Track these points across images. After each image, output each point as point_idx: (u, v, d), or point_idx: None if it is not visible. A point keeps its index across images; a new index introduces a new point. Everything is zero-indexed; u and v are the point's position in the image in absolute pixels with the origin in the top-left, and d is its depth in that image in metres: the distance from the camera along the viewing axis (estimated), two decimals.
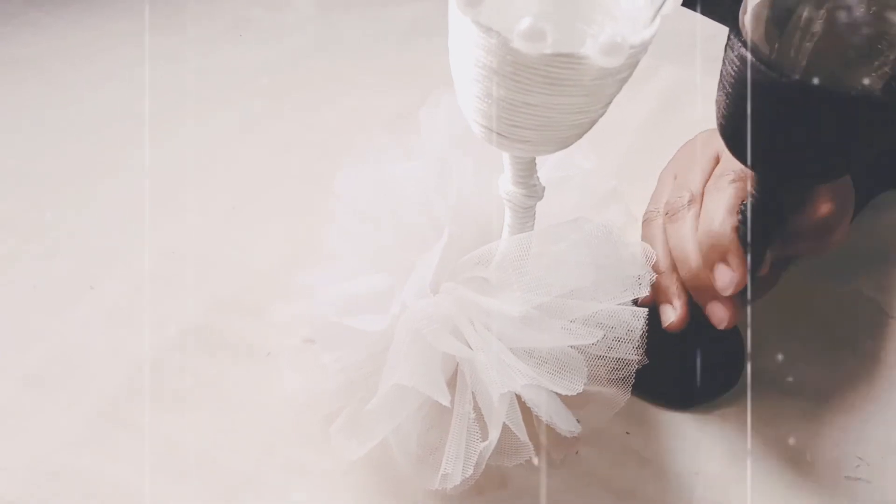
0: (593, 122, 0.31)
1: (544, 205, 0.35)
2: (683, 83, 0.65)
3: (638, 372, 0.37)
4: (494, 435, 0.34)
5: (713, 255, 0.39)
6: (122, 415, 0.40)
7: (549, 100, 0.28)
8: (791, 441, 0.41)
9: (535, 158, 0.34)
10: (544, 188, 0.35)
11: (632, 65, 0.28)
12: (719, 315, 0.40)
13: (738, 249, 0.38)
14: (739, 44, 0.30)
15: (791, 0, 0.30)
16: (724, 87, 0.32)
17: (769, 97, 0.30)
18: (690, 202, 0.42)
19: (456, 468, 0.34)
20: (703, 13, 0.72)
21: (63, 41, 0.68)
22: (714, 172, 0.42)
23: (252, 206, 0.53)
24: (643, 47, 0.28)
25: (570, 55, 0.26)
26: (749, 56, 0.30)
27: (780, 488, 0.39)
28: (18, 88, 0.62)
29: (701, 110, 0.62)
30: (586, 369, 0.34)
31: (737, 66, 0.31)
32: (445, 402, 0.33)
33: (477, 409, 0.35)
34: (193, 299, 0.46)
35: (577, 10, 0.32)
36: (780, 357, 0.44)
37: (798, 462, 0.40)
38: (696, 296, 0.41)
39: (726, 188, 0.40)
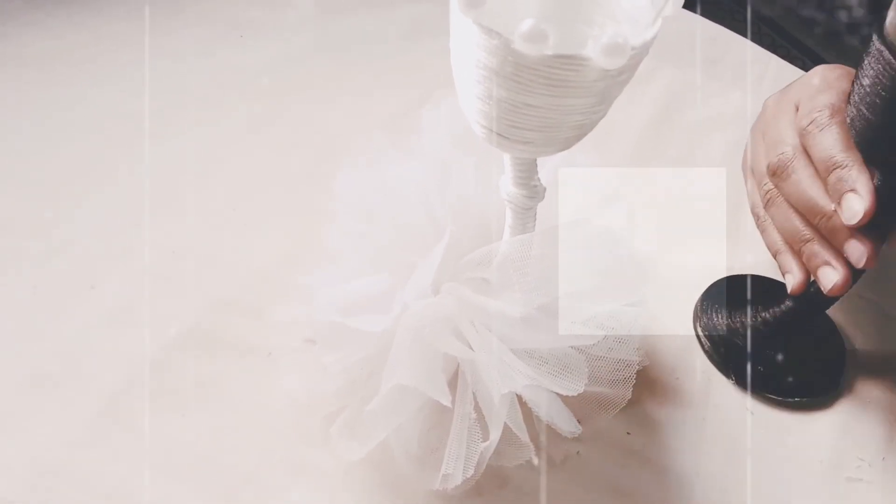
0: (594, 124, 0.31)
1: (545, 206, 0.35)
2: (684, 84, 0.65)
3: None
4: (495, 435, 0.34)
5: (841, 186, 0.37)
6: (123, 414, 0.40)
7: (550, 101, 0.28)
8: (791, 441, 0.41)
9: (536, 159, 0.34)
10: (545, 189, 0.35)
11: (633, 66, 0.28)
12: (858, 252, 0.37)
13: (864, 175, 0.36)
14: (888, 53, 0.31)
15: None
16: (867, 99, 0.32)
17: None
18: (795, 153, 0.40)
19: (457, 468, 0.34)
20: (703, 15, 0.72)
21: (63, 41, 0.67)
22: (800, 115, 0.41)
23: (252, 206, 0.53)
24: (644, 49, 0.28)
25: (571, 56, 0.26)
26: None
27: (780, 488, 0.39)
28: (19, 88, 0.62)
29: (701, 111, 0.62)
30: (587, 370, 0.34)
31: (882, 76, 0.31)
32: (446, 402, 0.33)
33: (478, 409, 0.35)
34: (193, 299, 0.46)
35: (579, 11, 0.32)
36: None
37: (798, 462, 0.40)
38: (832, 238, 0.39)
39: (829, 124, 0.38)
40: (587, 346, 0.35)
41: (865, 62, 0.33)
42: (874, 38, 0.32)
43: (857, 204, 0.36)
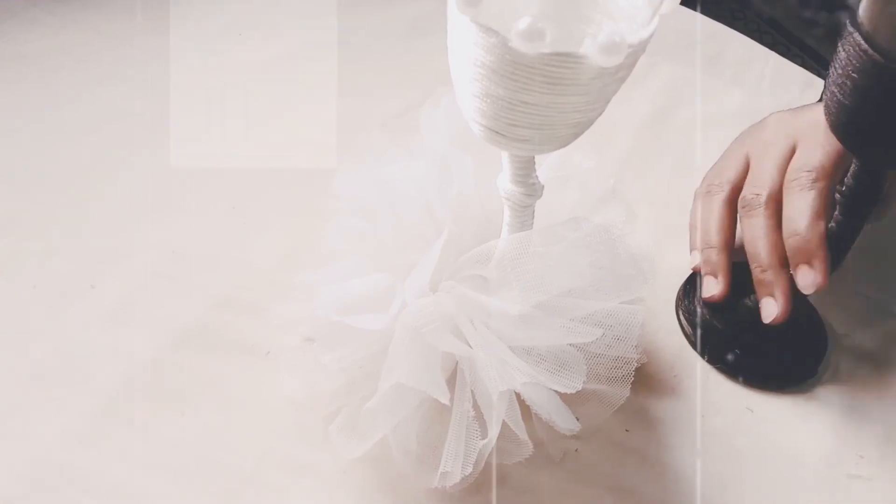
0: (592, 122, 0.31)
1: (543, 204, 0.35)
2: (683, 82, 0.65)
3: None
4: (494, 433, 0.34)
5: (799, 257, 0.40)
6: (122, 414, 0.40)
7: (547, 99, 0.28)
8: (791, 438, 0.41)
9: (534, 157, 0.34)
10: (543, 187, 0.35)
11: (630, 64, 0.28)
12: (771, 311, 0.41)
13: (824, 254, 0.39)
14: (858, 35, 0.31)
15: None
16: (838, 81, 0.33)
17: (887, 86, 0.31)
18: (768, 201, 0.42)
19: (455, 466, 0.34)
20: (702, 12, 0.72)
21: (63, 40, 0.67)
22: (792, 165, 0.42)
23: (252, 205, 0.53)
24: (642, 46, 0.28)
25: (568, 54, 0.26)
26: (866, 46, 0.31)
27: (780, 487, 0.39)
28: (18, 87, 0.62)
29: (701, 109, 0.62)
30: (585, 367, 0.34)
31: (853, 58, 0.31)
32: (445, 400, 0.33)
33: (476, 407, 0.35)
34: (193, 298, 0.46)
35: (576, 9, 0.32)
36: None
37: (798, 459, 0.40)
38: (757, 288, 0.42)
39: (810, 189, 0.40)
40: (585, 344, 0.35)
41: (840, 45, 0.33)
42: (847, 22, 0.32)
43: (808, 278, 0.39)
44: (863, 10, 0.32)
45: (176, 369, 0.42)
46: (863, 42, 0.31)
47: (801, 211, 0.40)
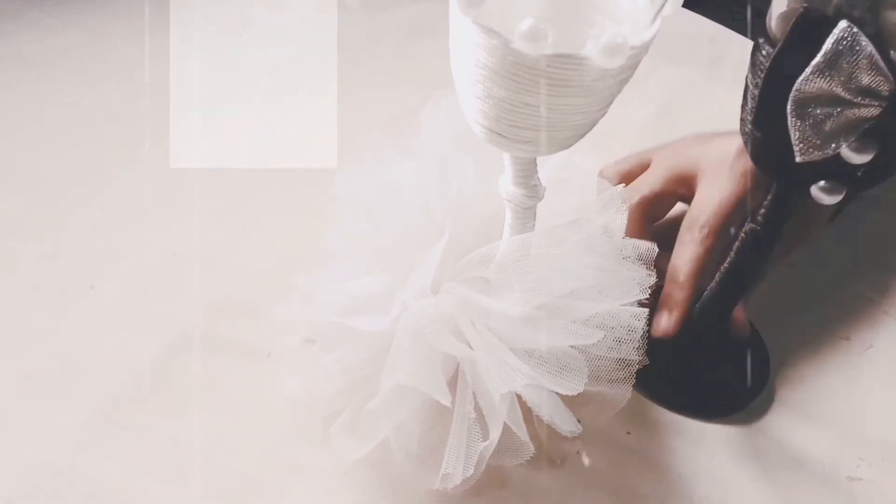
0: (594, 123, 0.31)
1: (545, 205, 0.35)
2: (686, 84, 0.65)
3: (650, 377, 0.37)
4: (495, 435, 0.34)
5: (667, 303, 0.42)
6: (123, 415, 0.40)
7: (549, 100, 0.28)
8: (791, 440, 0.41)
9: (535, 159, 0.34)
10: (545, 189, 0.35)
11: (632, 65, 0.28)
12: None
13: (684, 310, 0.41)
14: (770, 49, 0.30)
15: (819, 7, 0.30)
16: (752, 98, 0.32)
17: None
18: (641, 201, 0.45)
19: (456, 468, 0.34)
20: (704, 14, 0.72)
21: (63, 41, 0.67)
22: (691, 212, 0.44)
23: (252, 206, 0.53)
24: (644, 48, 0.28)
25: (570, 56, 0.26)
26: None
27: (780, 488, 0.39)
28: (18, 88, 0.62)
29: (703, 111, 0.62)
30: (587, 369, 0.34)
31: (761, 64, 0.31)
32: (446, 402, 0.33)
33: (478, 409, 0.35)
34: (193, 300, 0.46)
35: (578, 10, 0.32)
36: (778, 356, 0.44)
37: (798, 462, 0.40)
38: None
39: (699, 245, 0.42)
40: (587, 346, 0.35)
41: (752, 57, 0.33)
42: (761, 41, 0.32)
43: (662, 324, 0.42)
44: (775, 26, 0.31)
45: (176, 371, 0.42)
46: (770, 49, 0.31)
47: (684, 264, 0.42)
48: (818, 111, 0.29)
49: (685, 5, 0.29)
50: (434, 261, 0.35)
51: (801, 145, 0.30)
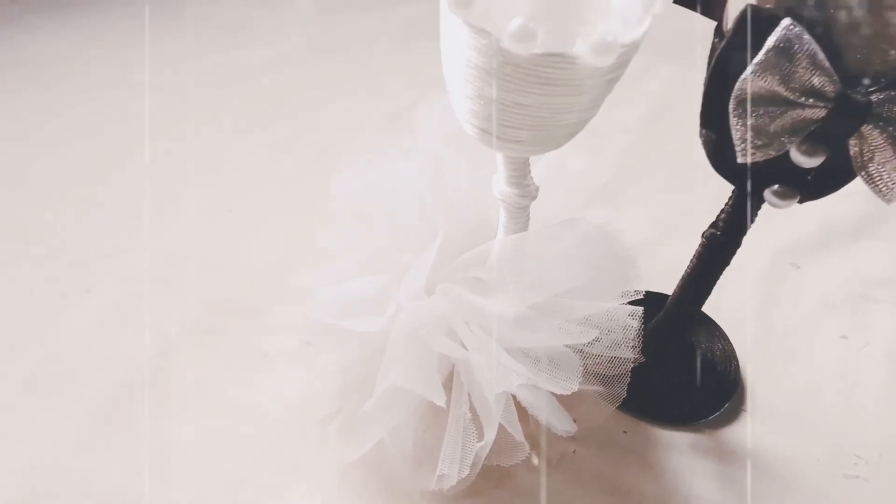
0: (586, 122, 0.31)
1: (538, 204, 0.35)
2: (682, 82, 0.65)
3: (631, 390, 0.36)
4: (490, 435, 0.34)
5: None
6: (121, 416, 0.40)
7: (540, 100, 0.28)
8: (789, 439, 0.41)
9: (528, 159, 0.34)
10: (538, 188, 0.35)
11: (623, 64, 0.28)
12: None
13: None
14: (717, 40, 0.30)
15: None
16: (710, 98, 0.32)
17: None
18: None
19: (452, 468, 0.34)
20: (701, 12, 0.72)
21: (62, 45, 0.68)
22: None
23: (250, 207, 0.53)
24: (634, 46, 0.28)
25: (560, 55, 0.26)
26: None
27: (778, 486, 0.39)
28: (18, 92, 0.62)
29: (698, 108, 0.62)
30: (581, 368, 0.34)
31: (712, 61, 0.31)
32: (441, 402, 0.33)
33: (473, 409, 0.35)
34: (191, 301, 0.46)
35: (569, 9, 0.32)
36: (777, 356, 0.44)
37: (797, 460, 0.40)
38: None
39: None
40: (582, 345, 0.35)
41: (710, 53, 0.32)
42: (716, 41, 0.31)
43: None
44: (730, 23, 0.30)
45: (173, 372, 0.42)
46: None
47: None
48: (761, 110, 0.28)
49: (683, 3, 0.29)
50: (428, 262, 0.35)
51: (743, 145, 0.29)
